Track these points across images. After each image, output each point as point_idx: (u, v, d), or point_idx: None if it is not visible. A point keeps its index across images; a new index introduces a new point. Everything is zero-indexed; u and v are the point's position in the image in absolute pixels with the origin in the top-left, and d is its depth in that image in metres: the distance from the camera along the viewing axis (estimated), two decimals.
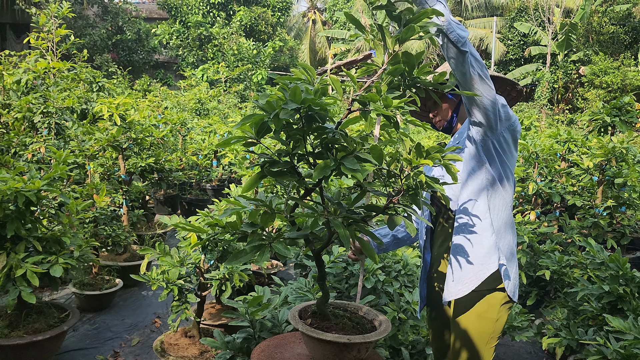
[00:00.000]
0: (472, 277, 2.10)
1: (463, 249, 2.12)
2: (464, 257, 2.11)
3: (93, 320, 4.27)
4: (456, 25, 1.84)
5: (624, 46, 25.11)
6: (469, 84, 1.91)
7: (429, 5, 1.86)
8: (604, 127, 5.28)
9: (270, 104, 1.59)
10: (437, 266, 2.32)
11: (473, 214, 2.12)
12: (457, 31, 1.83)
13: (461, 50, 1.85)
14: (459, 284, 2.12)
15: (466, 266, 2.11)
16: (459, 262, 2.12)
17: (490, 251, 2.10)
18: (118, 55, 22.53)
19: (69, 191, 4.14)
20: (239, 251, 1.80)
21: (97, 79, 7.73)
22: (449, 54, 1.89)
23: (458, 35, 1.83)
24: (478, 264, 2.09)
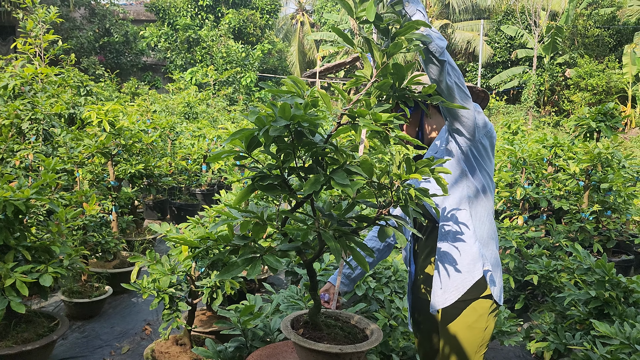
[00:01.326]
0: (458, 284, 2.12)
1: (448, 258, 2.14)
2: (450, 265, 2.13)
3: (82, 328, 4.25)
4: (435, 36, 1.86)
5: (609, 49, 25.43)
6: (449, 94, 1.94)
7: (409, 15, 1.88)
8: (589, 132, 5.36)
9: (260, 119, 1.61)
10: (423, 275, 2.33)
11: (456, 222, 2.14)
12: (436, 41, 1.85)
13: (440, 60, 1.86)
14: (446, 293, 2.14)
15: (453, 274, 2.13)
16: (446, 270, 2.14)
17: (475, 259, 2.12)
18: (105, 57, 22.37)
19: (58, 198, 4.11)
20: (231, 264, 1.81)
21: (85, 82, 7.68)
22: (428, 64, 1.90)
23: (437, 45, 1.85)
24: (464, 272, 2.11)
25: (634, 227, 6.14)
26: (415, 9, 1.89)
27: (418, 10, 1.89)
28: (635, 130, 21.42)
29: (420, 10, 1.90)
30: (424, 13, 1.90)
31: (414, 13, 1.89)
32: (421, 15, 1.88)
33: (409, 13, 1.89)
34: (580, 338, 3.33)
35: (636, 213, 5.09)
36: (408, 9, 1.89)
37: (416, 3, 1.91)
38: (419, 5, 1.91)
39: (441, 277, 2.15)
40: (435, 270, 2.18)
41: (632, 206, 5.27)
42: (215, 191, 8.37)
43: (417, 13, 1.89)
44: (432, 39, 1.84)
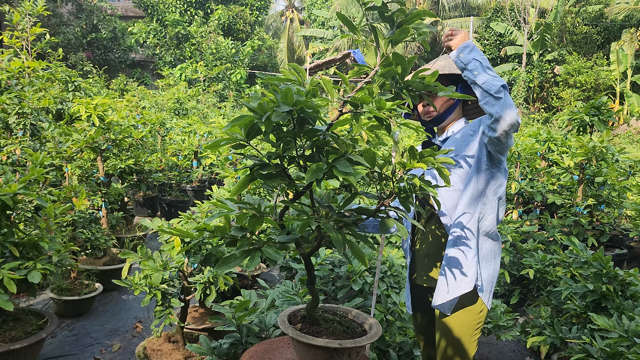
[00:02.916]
0: (463, 287, 2.15)
1: (457, 261, 2.17)
2: (457, 269, 2.16)
3: (72, 326, 4.16)
4: (492, 78, 1.97)
5: (597, 46, 25.61)
6: (504, 115, 1.98)
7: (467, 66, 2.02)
8: (582, 127, 5.35)
9: (262, 105, 1.56)
10: (425, 270, 2.31)
11: (462, 228, 2.17)
12: (494, 83, 1.96)
13: (497, 97, 1.96)
14: (452, 293, 2.16)
15: (460, 277, 2.16)
16: (453, 274, 2.17)
17: (475, 267, 2.18)
18: (93, 54, 22.12)
19: (46, 194, 4.02)
20: (229, 256, 1.75)
21: (73, 78, 7.55)
22: (484, 101, 1.99)
23: (490, 84, 1.96)
24: (471, 274, 2.15)
25: (625, 221, 6.16)
26: (472, 57, 2.00)
27: (474, 58, 2.00)
28: (623, 126, 21.60)
29: (477, 58, 2.01)
30: (481, 60, 2.01)
31: (469, 61, 2.01)
32: (479, 64, 2.00)
33: (463, 62, 2.02)
34: (577, 332, 3.32)
35: (629, 207, 5.10)
36: (463, 58, 2.02)
37: (470, 50, 2.02)
38: (474, 53, 2.02)
39: (448, 279, 2.17)
40: (441, 271, 2.19)
41: (626, 200, 5.28)
42: (207, 187, 8.29)
43: (473, 62, 2.00)
44: (491, 83, 1.95)
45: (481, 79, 1.97)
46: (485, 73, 1.98)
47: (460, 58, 2.02)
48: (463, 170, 2.19)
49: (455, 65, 2.07)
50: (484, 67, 1.98)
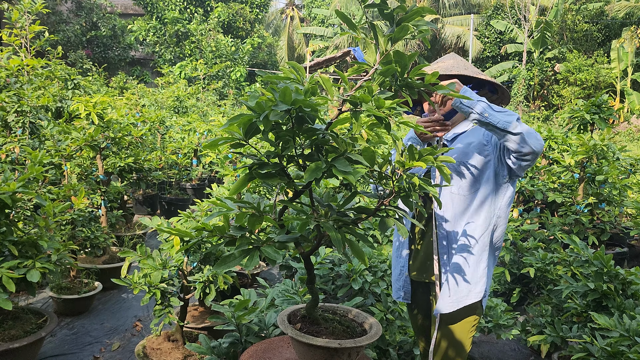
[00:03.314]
0: (473, 296, 2.18)
1: (467, 271, 2.18)
2: (467, 278, 2.18)
3: (71, 324, 4.15)
4: (502, 115, 1.96)
5: (597, 44, 25.57)
6: (527, 147, 1.99)
7: (472, 110, 1.99)
8: (583, 125, 5.34)
9: (260, 104, 1.54)
10: (424, 268, 2.30)
11: (480, 238, 2.18)
12: (508, 119, 1.95)
13: (515, 133, 1.96)
14: (461, 302, 2.19)
15: (469, 287, 2.18)
16: (462, 283, 2.18)
17: (482, 277, 2.20)
18: (93, 51, 22.08)
19: (45, 192, 4.01)
20: (228, 255, 1.74)
21: (72, 76, 7.54)
22: (504, 139, 2.01)
23: (505, 122, 1.95)
24: (481, 285, 2.19)
25: (626, 219, 6.15)
26: (476, 100, 1.98)
27: (478, 101, 1.99)
28: (624, 124, 21.58)
29: (481, 99, 2.00)
30: (484, 101, 1.99)
31: (474, 105, 1.99)
32: (485, 105, 1.98)
33: (469, 107, 1.99)
34: (578, 331, 3.31)
35: (630, 205, 5.08)
36: (468, 103, 1.99)
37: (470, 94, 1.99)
38: (473, 95, 2.00)
39: (456, 288, 2.19)
40: (446, 279, 2.20)
41: (627, 198, 5.27)
42: (206, 185, 8.28)
43: (478, 104, 1.99)
44: (498, 118, 1.95)
45: (494, 119, 1.96)
46: (495, 112, 1.97)
47: (465, 103, 2.00)
48: (471, 176, 2.18)
49: (461, 110, 2.04)
50: (490, 106, 1.98)
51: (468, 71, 2.22)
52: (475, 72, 2.25)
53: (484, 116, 1.97)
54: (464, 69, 2.25)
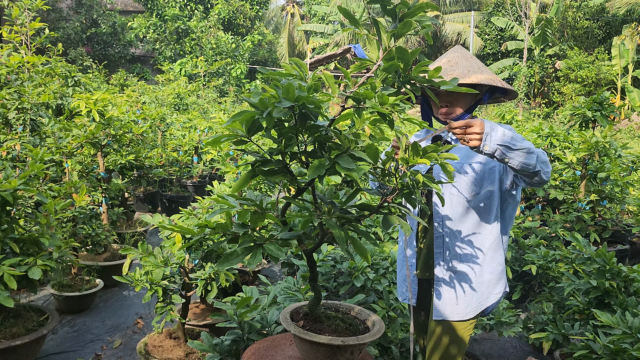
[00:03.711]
0: (487, 297, 2.21)
1: (472, 276, 2.19)
2: (475, 288, 2.19)
3: (73, 322, 4.15)
4: (526, 156, 1.85)
5: (598, 41, 25.53)
6: (542, 181, 1.98)
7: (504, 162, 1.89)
8: (585, 122, 5.33)
9: (263, 101, 1.53)
10: (426, 265, 2.31)
11: (480, 245, 2.19)
12: (528, 162, 1.86)
13: (534, 171, 1.90)
14: (469, 314, 2.19)
15: (478, 298, 2.19)
16: (463, 288, 2.19)
17: (498, 280, 2.23)
18: (93, 49, 22.06)
19: (46, 190, 4.00)
20: (230, 253, 1.74)
21: (73, 73, 7.52)
22: (520, 176, 1.99)
23: (532, 165, 1.88)
24: (493, 285, 2.21)
25: (627, 216, 6.14)
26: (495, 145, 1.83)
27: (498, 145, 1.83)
28: (624, 121, 21.55)
29: (500, 143, 1.83)
30: (503, 143, 1.83)
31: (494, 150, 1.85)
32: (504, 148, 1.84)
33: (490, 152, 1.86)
34: (580, 328, 3.30)
35: (632, 202, 5.07)
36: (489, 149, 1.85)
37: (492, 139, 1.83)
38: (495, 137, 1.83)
39: (459, 292, 2.19)
40: (453, 285, 2.20)
41: (629, 195, 5.26)
42: (207, 183, 8.27)
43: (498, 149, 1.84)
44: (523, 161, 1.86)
45: (515, 162, 1.86)
46: (514, 152, 1.84)
47: (486, 150, 1.86)
48: (473, 179, 2.15)
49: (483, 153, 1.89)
50: (510, 148, 1.84)
51: (484, 75, 2.11)
52: (489, 77, 2.13)
53: (505, 161, 1.87)
54: (479, 71, 2.14)
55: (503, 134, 1.82)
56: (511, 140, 1.82)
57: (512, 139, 1.83)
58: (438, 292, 2.22)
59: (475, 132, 1.82)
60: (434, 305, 2.24)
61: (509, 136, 1.83)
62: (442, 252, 2.20)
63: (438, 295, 2.22)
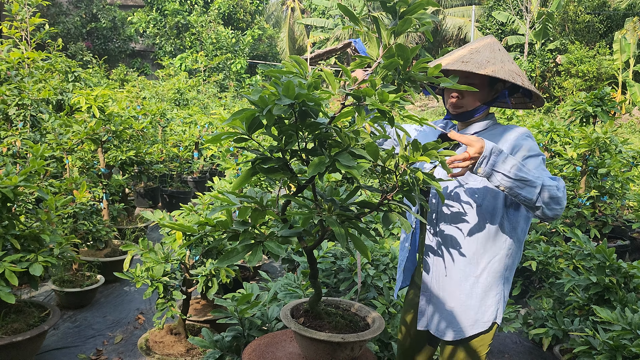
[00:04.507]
0: (473, 324, 2.04)
1: (463, 296, 2.02)
2: (463, 304, 2.03)
3: (74, 317, 4.17)
4: (528, 190, 1.71)
5: (599, 35, 25.46)
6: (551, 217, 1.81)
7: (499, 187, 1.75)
8: (585, 117, 5.32)
9: (263, 99, 1.53)
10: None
11: (476, 261, 2.02)
12: (529, 197, 1.72)
13: (537, 206, 1.75)
14: (457, 332, 2.05)
15: (466, 314, 2.03)
16: (456, 308, 2.04)
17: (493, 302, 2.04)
18: (93, 43, 22.03)
19: (47, 186, 4.01)
20: (230, 250, 1.74)
21: (73, 68, 7.51)
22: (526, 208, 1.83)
23: (533, 200, 1.73)
24: (482, 313, 2.02)
25: (628, 212, 6.14)
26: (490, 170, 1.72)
27: (495, 170, 1.72)
28: (625, 116, 21.52)
29: (499, 170, 1.71)
30: (503, 172, 1.71)
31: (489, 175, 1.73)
32: (501, 177, 1.72)
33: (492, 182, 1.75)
34: (580, 324, 3.31)
35: (633, 198, 5.08)
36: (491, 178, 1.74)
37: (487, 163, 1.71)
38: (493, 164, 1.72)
39: (448, 312, 2.05)
40: (460, 305, 2.03)
41: (629, 191, 5.26)
42: (208, 178, 8.28)
43: (494, 176, 1.73)
44: (517, 192, 1.72)
45: (520, 197, 1.74)
46: (515, 183, 1.71)
47: (479, 173, 1.74)
48: (475, 187, 1.99)
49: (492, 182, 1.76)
50: (511, 179, 1.71)
51: (505, 68, 1.94)
52: (509, 71, 1.95)
53: (509, 194, 1.75)
54: (500, 64, 1.96)
55: (509, 163, 1.71)
56: (511, 168, 1.70)
57: (514, 168, 1.70)
58: (425, 303, 2.14)
59: (466, 158, 1.70)
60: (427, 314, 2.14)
61: (513, 165, 1.71)
62: (436, 257, 2.09)
63: (424, 305, 2.13)
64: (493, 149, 1.71)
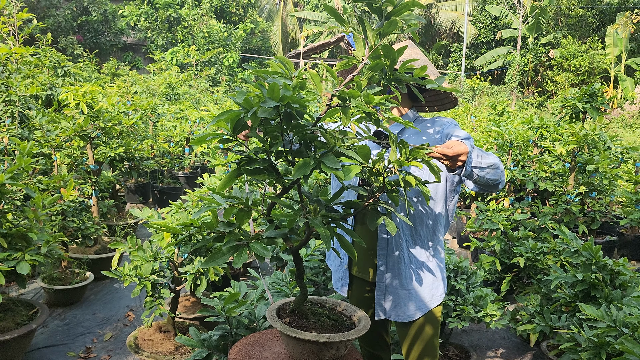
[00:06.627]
0: (431, 299, 2.22)
1: (419, 276, 2.22)
2: (431, 282, 2.23)
3: (63, 315, 4.15)
4: (494, 173, 1.87)
5: (592, 29, 25.55)
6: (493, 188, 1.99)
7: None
8: (575, 114, 5.34)
9: (248, 100, 1.53)
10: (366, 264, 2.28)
11: (439, 240, 2.24)
12: (496, 178, 1.89)
13: (496, 184, 1.94)
14: (419, 309, 2.21)
15: (434, 290, 2.23)
16: (428, 286, 2.23)
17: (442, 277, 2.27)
18: (84, 37, 21.83)
19: (35, 183, 3.98)
20: (216, 251, 1.74)
21: (62, 63, 7.45)
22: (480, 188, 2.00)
23: (498, 181, 1.92)
24: (436, 287, 2.24)
25: (617, 207, 6.19)
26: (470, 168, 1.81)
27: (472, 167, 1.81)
28: (617, 110, 21.63)
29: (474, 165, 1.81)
30: (476, 165, 1.82)
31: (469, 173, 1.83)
32: (478, 169, 1.83)
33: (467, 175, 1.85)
34: (566, 320, 3.34)
35: (621, 194, 5.11)
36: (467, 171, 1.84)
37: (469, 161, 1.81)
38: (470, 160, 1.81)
39: (424, 292, 2.22)
40: (413, 282, 2.20)
41: (617, 187, 5.29)
42: (198, 174, 8.25)
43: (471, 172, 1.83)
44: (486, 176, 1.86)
45: (483, 180, 1.87)
46: (484, 171, 1.84)
47: (462, 173, 1.86)
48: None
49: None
50: (482, 168, 1.83)
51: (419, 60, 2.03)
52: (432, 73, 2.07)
53: (471, 178, 1.87)
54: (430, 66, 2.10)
55: (477, 155, 1.82)
56: (480, 158, 1.82)
57: (481, 158, 1.83)
58: (383, 294, 2.23)
59: (460, 160, 1.79)
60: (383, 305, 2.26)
61: (478, 155, 1.83)
62: (385, 254, 2.19)
63: (382, 296, 2.23)
64: (471, 147, 1.82)
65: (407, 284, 2.19)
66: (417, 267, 2.20)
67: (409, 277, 2.20)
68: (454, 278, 3.43)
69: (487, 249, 4.38)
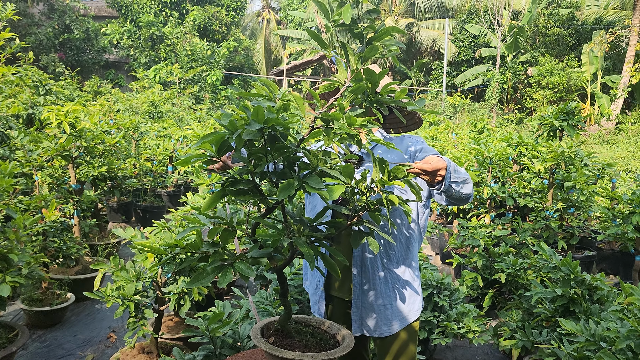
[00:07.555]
0: (408, 314, 2.27)
1: (410, 288, 2.28)
2: (409, 296, 2.28)
3: (43, 337, 4.09)
4: (468, 188, 1.98)
5: (568, 48, 26.16)
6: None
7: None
8: (552, 131, 5.47)
9: (233, 123, 1.56)
10: (345, 283, 2.31)
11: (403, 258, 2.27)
12: (467, 192, 1.99)
13: (468, 197, 2.04)
14: (398, 323, 2.26)
15: (411, 305, 2.28)
16: (406, 301, 2.27)
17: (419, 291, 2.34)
18: (66, 54, 21.72)
19: (16, 204, 3.94)
20: (200, 272, 1.75)
21: (44, 81, 7.41)
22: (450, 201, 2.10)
23: (469, 195, 2.02)
24: (412, 302, 2.28)
25: (595, 222, 6.30)
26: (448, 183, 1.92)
27: (450, 182, 1.92)
28: (594, 127, 22.08)
29: (452, 179, 1.92)
30: (454, 180, 1.93)
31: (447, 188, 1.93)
32: (454, 184, 1.93)
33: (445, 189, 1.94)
34: (547, 335, 3.39)
35: (598, 209, 5.22)
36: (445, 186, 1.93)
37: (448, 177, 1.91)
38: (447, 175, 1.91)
39: (401, 306, 2.26)
40: (391, 297, 2.24)
41: (594, 203, 5.41)
42: (182, 192, 8.21)
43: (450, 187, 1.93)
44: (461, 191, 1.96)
45: (457, 195, 1.98)
46: (459, 185, 1.95)
47: (442, 188, 1.95)
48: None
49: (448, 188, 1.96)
50: (458, 183, 1.95)
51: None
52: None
53: (447, 193, 1.97)
54: None
55: (454, 169, 1.91)
56: (456, 173, 1.92)
57: (456, 173, 1.92)
58: (359, 310, 2.25)
59: (440, 175, 1.90)
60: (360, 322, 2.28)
61: (455, 170, 1.93)
62: (361, 271, 2.22)
63: (358, 312, 2.26)
64: (448, 164, 1.90)
65: (383, 299, 2.23)
66: (392, 283, 2.23)
67: (385, 293, 2.23)
68: (437, 295, 3.46)
69: (469, 265, 4.44)
